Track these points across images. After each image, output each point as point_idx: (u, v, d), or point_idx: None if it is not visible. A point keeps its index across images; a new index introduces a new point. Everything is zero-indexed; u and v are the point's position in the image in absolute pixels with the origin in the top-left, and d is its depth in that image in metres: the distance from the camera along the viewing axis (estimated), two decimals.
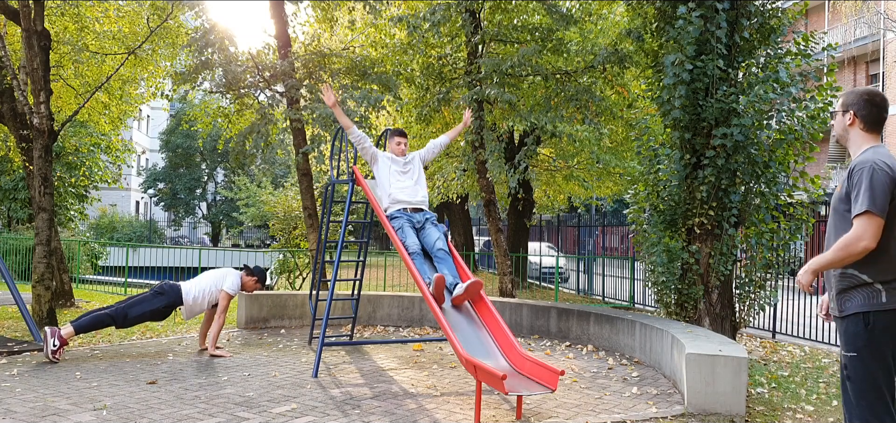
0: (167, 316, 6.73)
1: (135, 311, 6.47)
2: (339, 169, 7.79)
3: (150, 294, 6.64)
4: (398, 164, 6.11)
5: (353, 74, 10.26)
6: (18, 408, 4.61)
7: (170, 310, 6.67)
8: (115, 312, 6.44)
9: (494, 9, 10.52)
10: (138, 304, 6.52)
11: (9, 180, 18.53)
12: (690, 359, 4.84)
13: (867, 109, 3.02)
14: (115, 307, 6.51)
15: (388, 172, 6.04)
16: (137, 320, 6.53)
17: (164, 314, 6.66)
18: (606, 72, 10.51)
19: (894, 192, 2.84)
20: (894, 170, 2.85)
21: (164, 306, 6.59)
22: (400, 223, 5.81)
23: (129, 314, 6.45)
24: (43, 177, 8.15)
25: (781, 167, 6.76)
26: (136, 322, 6.56)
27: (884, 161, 2.87)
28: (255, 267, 7.15)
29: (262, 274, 7.14)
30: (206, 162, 44.96)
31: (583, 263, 16.36)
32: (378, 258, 18.43)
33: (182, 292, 6.67)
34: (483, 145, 10.58)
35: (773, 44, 6.81)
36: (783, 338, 8.97)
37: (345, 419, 4.57)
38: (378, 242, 39.07)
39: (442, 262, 5.58)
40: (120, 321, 6.44)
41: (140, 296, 6.69)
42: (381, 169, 6.08)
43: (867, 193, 2.82)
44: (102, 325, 6.48)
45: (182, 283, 6.80)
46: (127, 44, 11.73)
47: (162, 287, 6.70)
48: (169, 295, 6.62)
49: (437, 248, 5.66)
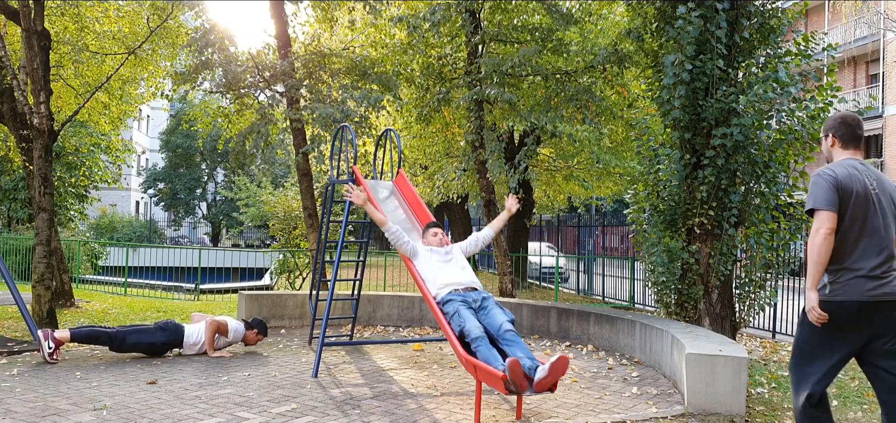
0: (162, 354, 6.70)
1: (133, 338, 6.50)
2: (339, 169, 7.80)
3: (152, 327, 6.68)
4: (439, 254, 5.63)
5: (353, 73, 10.26)
6: (18, 408, 4.61)
7: (167, 349, 6.68)
8: (114, 333, 6.46)
9: (494, 9, 10.52)
10: (139, 333, 6.56)
11: (9, 180, 18.53)
12: (690, 359, 4.84)
13: (842, 129, 3.50)
14: (116, 329, 6.54)
15: (430, 263, 5.55)
16: (132, 349, 6.54)
17: (161, 351, 6.66)
18: (606, 72, 10.51)
19: (841, 195, 3.27)
20: (839, 175, 3.29)
21: (161, 343, 6.61)
22: (454, 307, 5.01)
23: (128, 340, 6.47)
24: (43, 177, 8.15)
25: (781, 167, 6.76)
26: (131, 350, 6.56)
27: (830, 170, 3.36)
28: (254, 320, 7.18)
29: (263, 326, 7.17)
30: (206, 162, 44.97)
31: (583, 263, 16.36)
32: (378, 258, 18.43)
33: (184, 334, 6.72)
34: (483, 145, 10.58)
35: (772, 44, 6.81)
36: (783, 338, 8.97)
37: (345, 419, 4.57)
38: (378, 242, 39.07)
39: (513, 344, 4.72)
40: (116, 344, 6.46)
41: (142, 326, 6.74)
42: (423, 262, 5.62)
43: (810, 197, 3.34)
44: (98, 341, 6.48)
45: (186, 325, 6.85)
46: (127, 44, 11.73)
47: (166, 324, 6.74)
48: (170, 334, 6.66)
49: (505, 330, 4.79)
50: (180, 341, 6.69)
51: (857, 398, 5.52)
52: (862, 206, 3.28)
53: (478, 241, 6.04)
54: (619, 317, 7.39)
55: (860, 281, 3.25)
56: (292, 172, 25.10)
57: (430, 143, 14.63)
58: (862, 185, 3.31)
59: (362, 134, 10.66)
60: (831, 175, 3.31)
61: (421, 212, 6.69)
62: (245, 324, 7.07)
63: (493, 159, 10.61)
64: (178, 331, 6.70)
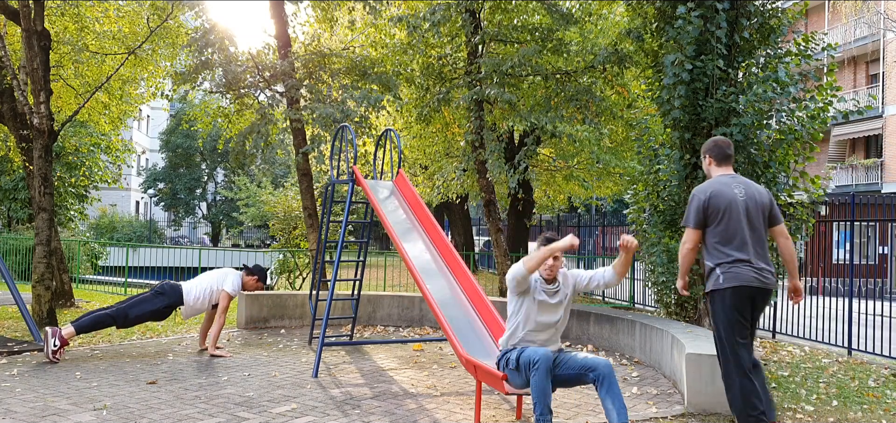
0: (167, 316, 6.74)
1: (135, 311, 6.48)
2: (339, 169, 7.80)
3: (150, 294, 6.63)
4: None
5: (353, 73, 10.27)
6: (18, 408, 4.61)
7: (170, 310, 6.67)
8: (115, 312, 6.44)
9: (494, 9, 10.52)
10: (139, 304, 6.52)
11: (9, 180, 18.53)
12: (690, 359, 4.84)
13: (715, 150, 4.33)
14: (115, 307, 6.52)
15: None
16: (138, 320, 6.54)
17: (165, 314, 6.66)
18: (606, 72, 10.51)
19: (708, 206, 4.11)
20: (709, 193, 4.14)
21: (164, 307, 6.59)
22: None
23: (130, 314, 6.45)
24: (43, 177, 8.15)
25: (781, 167, 6.75)
26: (136, 322, 6.57)
27: (703, 189, 4.20)
28: (255, 266, 7.16)
29: (263, 272, 7.15)
30: (206, 162, 44.97)
31: (583, 263, 16.36)
32: (378, 258, 18.43)
33: (183, 292, 6.68)
34: (483, 145, 10.58)
35: (772, 44, 6.81)
36: (783, 338, 8.97)
37: (345, 419, 4.57)
38: (378, 242, 39.07)
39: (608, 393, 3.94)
40: (121, 321, 6.45)
41: (141, 296, 6.69)
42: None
43: (686, 214, 4.25)
44: (103, 325, 6.49)
45: (183, 283, 6.80)
46: (127, 44, 11.73)
47: (162, 287, 6.70)
48: (169, 295, 6.62)
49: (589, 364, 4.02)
50: (180, 298, 6.65)
51: (856, 398, 5.52)
52: (732, 212, 4.07)
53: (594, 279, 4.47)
54: (619, 317, 7.39)
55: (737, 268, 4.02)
56: (292, 172, 25.11)
57: (430, 143, 14.63)
58: (731, 195, 4.11)
59: (362, 134, 10.67)
60: (702, 196, 4.14)
61: (421, 212, 6.69)
62: (245, 269, 7.04)
63: (493, 159, 10.61)
64: (177, 290, 6.66)
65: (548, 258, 4.15)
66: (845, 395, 5.63)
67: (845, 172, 26.71)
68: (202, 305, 6.76)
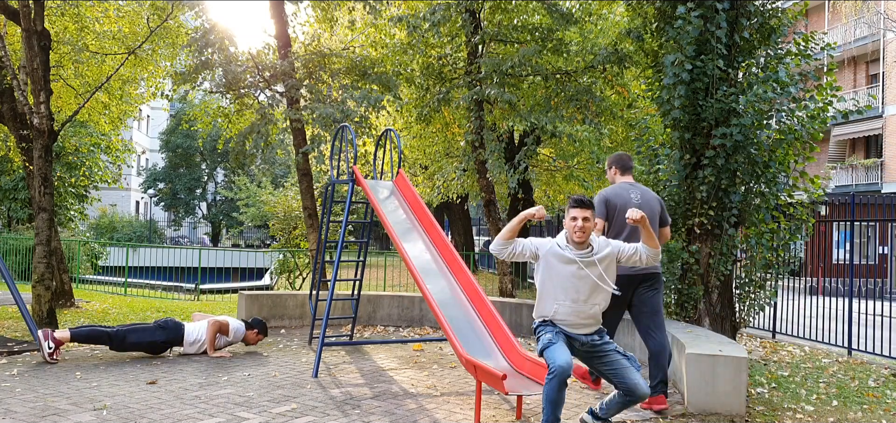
0: (162, 352, 6.70)
1: (134, 337, 6.50)
2: (339, 169, 7.80)
3: (152, 326, 6.67)
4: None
5: (353, 73, 10.26)
6: (18, 408, 4.61)
7: (167, 347, 6.68)
8: (114, 333, 6.46)
9: (494, 9, 10.52)
10: (139, 332, 6.56)
11: (9, 180, 18.54)
12: (690, 359, 4.84)
13: (619, 162, 5.36)
14: (116, 329, 6.54)
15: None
16: (133, 348, 6.54)
17: (161, 349, 6.66)
18: (606, 72, 10.50)
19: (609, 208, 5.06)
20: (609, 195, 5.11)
21: (162, 341, 6.61)
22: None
23: (128, 339, 6.47)
24: (43, 177, 8.15)
25: (781, 167, 6.76)
26: (132, 349, 6.56)
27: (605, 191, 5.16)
28: (255, 319, 7.18)
29: (263, 327, 7.17)
30: (206, 162, 44.97)
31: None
32: (378, 258, 18.43)
33: (184, 332, 6.72)
34: (483, 145, 10.58)
35: (773, 44, 6.81)
36: (783, 338, 8.97)
37: (345, 419, 4.57)
38: (378, 242, 39.07)
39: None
40: (117, 344, 6.46)
41: (142, 325, 6.72)
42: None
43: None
44: (99, 341, 6.49)
45: (186, 324, 6.84)
46: (127, 44, 11.73)
47: (166, 322, 6.74)
48: (170, 332, 6.66)
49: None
50: (180, 339, 6.69)
51: (856, 398, 5.53)
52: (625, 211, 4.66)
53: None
54: None
55: None
56: (292, 172, 25.11)
57: (430, 143, 14.62)
58: (627, 197, 5.04)
59: (362, 134, 10.66)
60: (603, 196, 5.09)
61: (421, 212, 6.69)
62: (245, 324, 7.07)
63: (493, 159, 10.61)
64: (178, 329, 6.70)
65: (522, 224, 4.18)
66: (845, 395, 5.63)
67: (845, 172, 26.71)
68: (200, 347, 6.79)
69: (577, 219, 4.02)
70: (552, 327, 4.08)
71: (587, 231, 4.04)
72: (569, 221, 4.07)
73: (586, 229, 4.03)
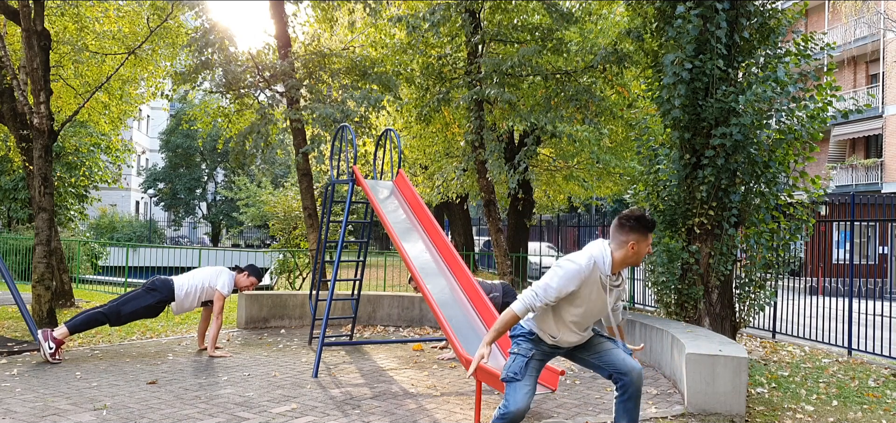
0: (160, 312, 6.71)
1: (128, 308, 6.47)
2: (339, 169, 7.80)
3: (142, 291, 6.62)
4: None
5: (353, 73, 10.27)
6: (18, 408, 4.61)
7: (162, 306, 6.66)
8: (108, 310, 6.44)
9: (494, 9, 10.52)
10: (131, 300, 6.52)
11: (9, 180, 18.53)
12: (690, 359, 4.84)
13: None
14: (108, 305, 6.51)
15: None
16: (131, 317, 6.52)
17: (157, 311, 6.65)
18: (606, 72, 10.50)
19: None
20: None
21: (156, 303, 6.58)
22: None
23: (123, 311, 6.45)
24: (43, 177, 8.15)
25: (781, 167, 6.75)
26: (129, 320, 6.55)
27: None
28: (248, 265, 7.14)
29: (256, 270, 7.12)
30: (206, 162, 44.96)
31: None
32: (378, 258, 18.42)
33: (174, 287, 6.66)
34: (483, 145, 10.58)
35: (772, 44, 6.81)
36: (783, 338, 8.97)
37: (345, 419, 4.57)
38: (378, 242, 39.06)
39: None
40: (114, 319, 6.44)
41: (133, 292, 6.67)
42: None
43: None
44: (97, 323, 6.48)
45: (174, 277, 6.78)
46: (127, 44, 11.73)
47: (154, 283, 6.69)
48: (161, 291, 6.62)
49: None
50: (172, 294, 6.63)
51: (856, 398, 5.53)
52: None
53: None
54: None
55: None
56: (292, 172, 25.10)
57: (430, 143, 14.63)
58: None
59: (362, 134, 10.67)
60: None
61: (421, 212, 6.69)
62: (236, 269, 7.03)
63: (492, 159, 10.61)
64: (168, 285, 6.65)
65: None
66: (845, 395, 5.63)
67: (845, 172, 26.70)
68: (192, 302, 6.74)
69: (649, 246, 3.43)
70: (539, 347, 3.53)
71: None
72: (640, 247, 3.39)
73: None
